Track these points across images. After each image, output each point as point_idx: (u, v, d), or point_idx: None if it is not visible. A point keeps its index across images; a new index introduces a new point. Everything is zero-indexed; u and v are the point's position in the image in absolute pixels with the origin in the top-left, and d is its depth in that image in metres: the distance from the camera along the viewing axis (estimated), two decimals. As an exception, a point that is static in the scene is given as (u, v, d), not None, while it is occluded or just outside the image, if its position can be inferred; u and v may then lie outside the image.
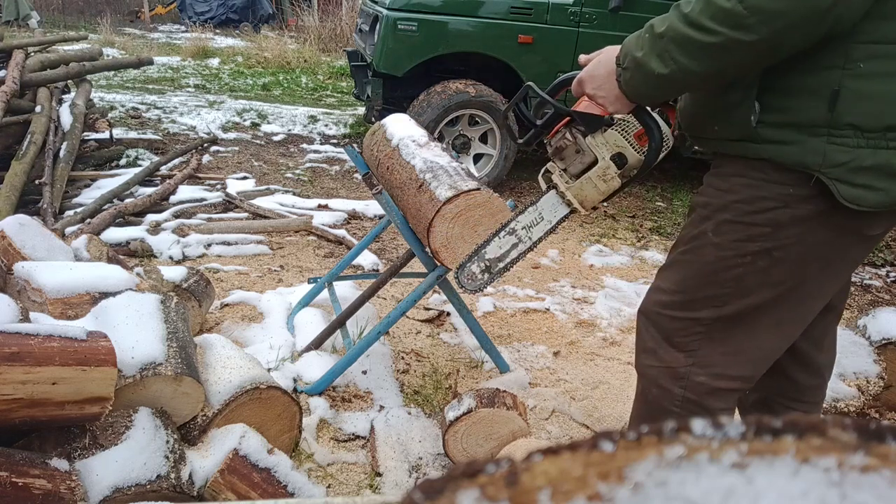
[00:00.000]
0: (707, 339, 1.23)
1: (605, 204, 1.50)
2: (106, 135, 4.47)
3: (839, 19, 0.94)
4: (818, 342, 1.44)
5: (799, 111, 1.04)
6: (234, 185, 4.07)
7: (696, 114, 1.23)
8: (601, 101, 1.21)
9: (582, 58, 1.27)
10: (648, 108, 1.27)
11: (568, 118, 1.36)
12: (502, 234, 1.56)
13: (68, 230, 2.94)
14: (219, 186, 4.04)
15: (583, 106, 1.34)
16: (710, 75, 1.04)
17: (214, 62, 9.23)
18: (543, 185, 1.55)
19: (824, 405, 2.16)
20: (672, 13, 1.04)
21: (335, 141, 5.51)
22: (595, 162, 1.36)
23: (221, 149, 4.93)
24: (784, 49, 0.98)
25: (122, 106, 5.84)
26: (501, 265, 1.55)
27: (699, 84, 1.10)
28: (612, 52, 1.18)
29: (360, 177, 3.55)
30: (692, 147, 1.42)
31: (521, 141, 1.45)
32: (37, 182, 3.36)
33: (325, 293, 2.56)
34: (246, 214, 3.63)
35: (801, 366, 1.42)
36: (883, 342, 2.26)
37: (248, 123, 5.72)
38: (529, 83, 1.43)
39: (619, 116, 1.32)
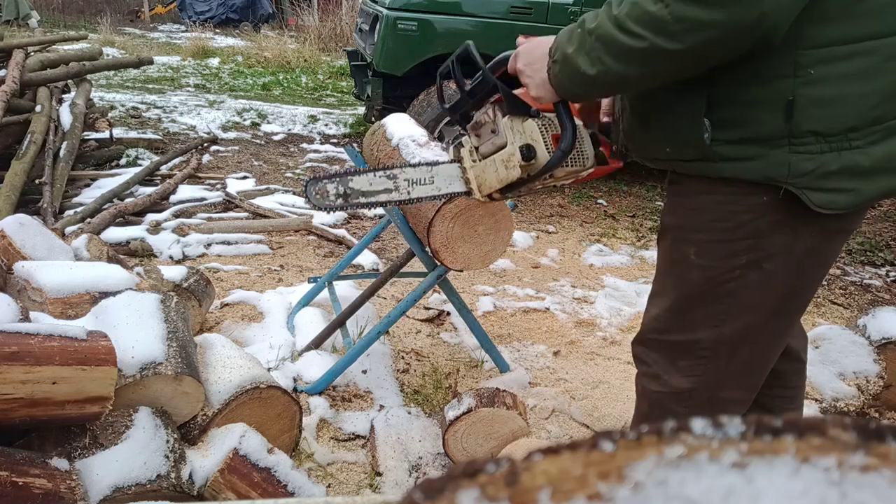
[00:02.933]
0: (712, 363, 1.20)
1: (502, 198, 1.43)
2: (106, 134, 4.47)
3: (770, 30, 0.91)
4: None
5: (755, 125, 1.01)
6: (234, 185, 4.07)
7: (642, 136, 1.19)
8: (527, 80, 1.18)
9: (521, 38, 1.23)
10: (569, 109, 1.23)
11: (498, 97, 1.32)
12: (380, 173, 1.50)
13: (68, 230, 2.94)
14: (219, 186, 4.04)
15: (517, 91, 1.30)
16: (635, 79, 1.01)
17: (214, 62, 9.23)
18: (450, 155, 1.53)
19: (825, 405, 2.16)
20: (604, 10, 1.01)
21: (335, 140, 5.51)
22: (505, 146, 1.33)
23: (221, 148, 4.93)
24: (708, 60, 0.95)
25: (122, 105, 5.84)
26: (363, 200, 1.48)
27: (625, 86, 1.07)
28: (549, 39, 1.15)
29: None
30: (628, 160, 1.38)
31: (446, 106, 1.40)
32: (37, 181, 3.36)
33: (325, 293, 2.56)
34: (246, 214, 3.63)
35: (781, 355, 1.41)
36: (883, 342, 2.26)
37: (248, 123, 5.72)
38: (468, 42, 1.36)
39: (545, 114, 1.28)
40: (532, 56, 1.17)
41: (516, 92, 1.30)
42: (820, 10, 0.94)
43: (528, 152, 1.29)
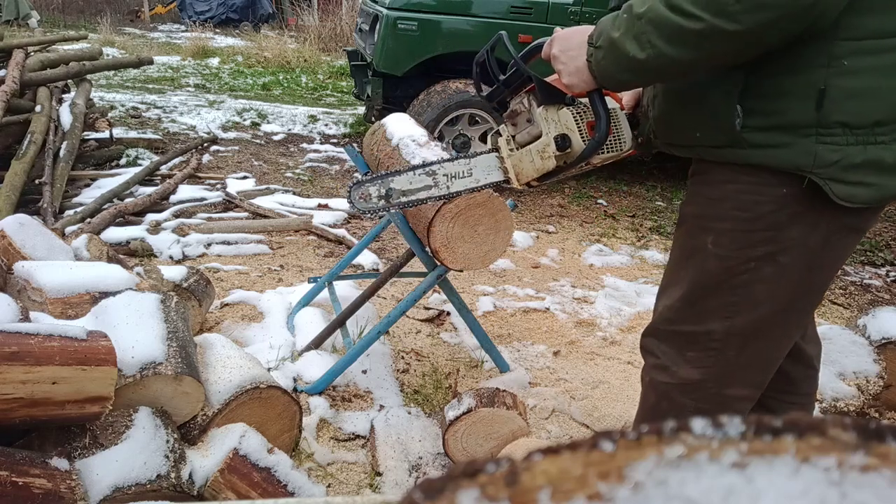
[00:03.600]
0: (722, 355, 1.20)
1: (540, 185, 1.42)
2: (106, 134, 4.47)
3: (822, 15, 0.92)
4: (804, 333, 1.43)
5: (785, 113, 1.02)
6: (234, 185, 4.07)
7: (673, 122, 1.19)
8: (561, 66, 1.16)
9: (558, 29, 1.22)
10: (605, 97, 1.23)
11: (532, 86, 1.32)
12: (419, 171, 1.49)
13: (68, 230, 2.94)
14: (219, 186, 4.04)
15: (550, 78, 1.29)
16: (687, 63, 1.00)
17: (214, 62, 9.23)
18: (489, 145, 1.53)
19: (825, 405, 2.16)
20: None
21: (335, 140, 5.51)
22: (540, 136, 1.33)
23: (221, 148, 4.93)
24: (765, 42, 0.95)
25: (122, 105, 5.84)
26: (404, 199, 1.48)
27: (674, 72, 1.04)
28: (589, 28, 1.14)
29: (360, 176, 3.55)
30: (654, 151, 1.38)
31: (483, 94, 1.40)
32: (37, 181, 3.36)
33: (325, 293, 2.56)
34: (246, 214, 3.63)
35: (793, 359, 1.40)
36: (883, 342, 2.26)
37: (248, 123, 5.72)
38: (502, 32, 1.36)
39: (580, 100, 1.28)
40: (569, 42, 1.14)
41: (548, 79, 1.28)
42: (859, 1, 0.94)
43: (563, 142, 1.29)
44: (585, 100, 1.27)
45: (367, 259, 3.13)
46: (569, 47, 1.14)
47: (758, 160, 1.05)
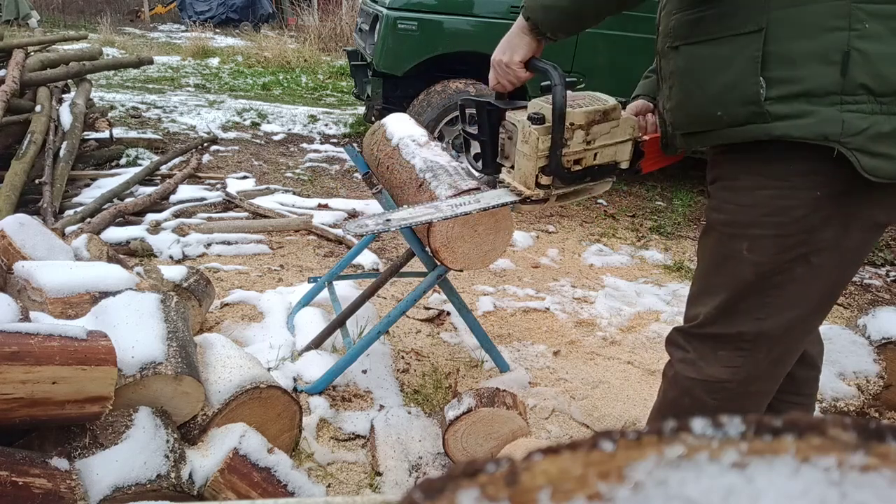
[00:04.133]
0: (752, 356, 1.20)
1: (551, 181, 1.39)
2: (106, 134, 4.47)
3: None
4: None
5: (808, 79, 0.99)
6: (234, 185, 4.07)
7: (693, 105, 1.17)
8: (505, 57, 1.32)
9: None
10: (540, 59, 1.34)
11: (497, 113, 1.41)
12: (420, 207, 1.50)
13: (68, 229, 2.94)
14: (219, 186, 4.04)
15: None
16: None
17: (214, 62, 9.23)
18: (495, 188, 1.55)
19: (825, 405, 2.16)
20: None
21: (335, 140, 5.51)
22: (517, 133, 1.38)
23: (221, 148, 4.92)
24: None
25: (122, 105, 5.84)
26: (404, 223, 1.48)
27: (593, 8, 1.21)
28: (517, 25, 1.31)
29: (360, 176, 3.55)
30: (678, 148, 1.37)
31: (483, 169, 1.49)
32: (37, 181, 3.36)
33: (325, 292, 2.56)
34: (246, 214, 3.63)
35: (798, 360, 1.41)
36: (883, 341, 2.26)
37: (248, 123, 5.72)
38: (464, 98, 1.51)
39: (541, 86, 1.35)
40: (503, 43, 1.34)
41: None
42: None
43: (536, 116, 1.32)
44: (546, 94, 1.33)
45: (367, 259, 3.13)
46: (505, 41, 1.33)
47: (780, 132, 1.03)
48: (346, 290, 2.65)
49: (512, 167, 1.43)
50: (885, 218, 1.10)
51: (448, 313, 2.69)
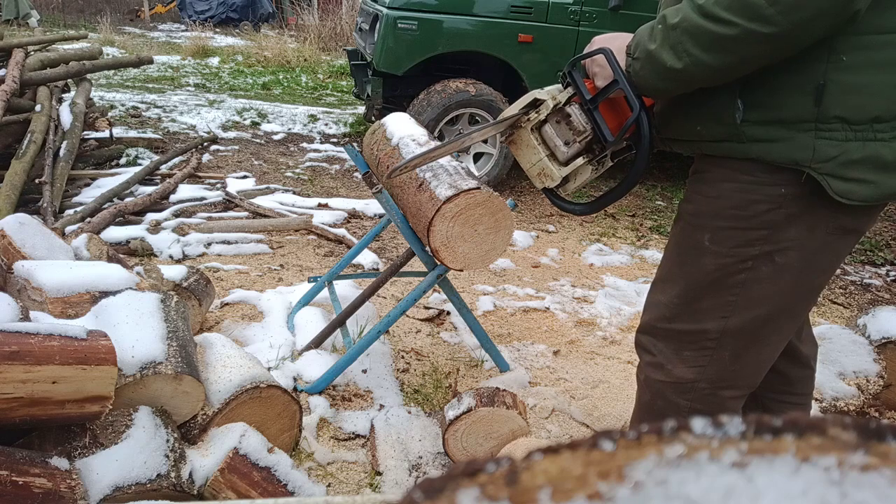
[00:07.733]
0: (717, 355, 1.21)
1: (563, 174, 1.27)
2: (106, 134, 4.47)
3: (858, 12, 0.91)
4: (800, 333, 1.43)
5: (784, 107, 1.02)
6: (234, 184, 4.06)
7: (674, 116, 1.18)
8: (597, 70, 1.14)
9: (596, 38, 1.20)
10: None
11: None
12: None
13: (68, 229, 2.94)
14: (219, 185, 4.04)
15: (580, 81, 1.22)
16: (725, 69, 1.00)
17: (214, 61, 9.22)
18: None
19: (824, 404, 2.16)
20: (685, 3, 1.00)
21: (335, 140, 5.51)
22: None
23: (221, 148, 4.92)
24: (803, 41, 0.94)
25: (122, 105, 5.83)
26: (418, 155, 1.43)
27: (712, 78, 1.04)
28: (626, 36, 1.14)
29: (359, 176, 3.55)
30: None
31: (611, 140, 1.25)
32: (37, 181, 3.36)
33: (325, 292, 2.56)
34: (246, 213, 3.63)
35: (789, 359, 1.41)
36: (883, 341, 2.26)
37: (248, 122, 5.71)
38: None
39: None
40: (611, 44, 1.14)
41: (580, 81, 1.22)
42: None
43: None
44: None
45: (367, 259, 3.13)
46: (611, 46, 1.14)
47: (756, 154, 1.05)
48: (346, 290, 2.65)
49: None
50: (854, 224, 1.10)
51: (448, 313, 2.69)
